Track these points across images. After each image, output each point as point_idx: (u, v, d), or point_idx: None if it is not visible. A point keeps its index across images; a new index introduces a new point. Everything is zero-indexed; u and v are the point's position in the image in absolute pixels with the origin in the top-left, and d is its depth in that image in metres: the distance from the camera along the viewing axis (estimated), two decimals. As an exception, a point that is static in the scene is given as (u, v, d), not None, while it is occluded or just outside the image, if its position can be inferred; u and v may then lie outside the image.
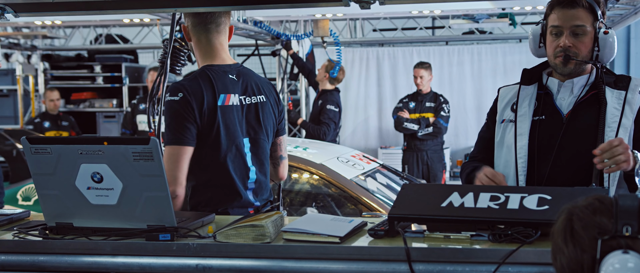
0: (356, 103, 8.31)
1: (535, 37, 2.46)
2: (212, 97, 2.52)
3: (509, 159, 2.42)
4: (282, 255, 1.92)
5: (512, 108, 2.48)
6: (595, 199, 1.28)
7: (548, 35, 2.41)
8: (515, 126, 2.43)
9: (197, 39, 2.63)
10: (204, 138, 2.52)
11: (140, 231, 2.03)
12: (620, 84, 2.41)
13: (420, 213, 1.98)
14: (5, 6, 2.42)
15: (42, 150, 2.02)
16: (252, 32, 6.90)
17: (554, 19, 2.38)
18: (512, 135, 2.43)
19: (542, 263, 1.77)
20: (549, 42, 2.41)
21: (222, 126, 2.53)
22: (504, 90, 2.57)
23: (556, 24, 2.37)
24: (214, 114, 2.52)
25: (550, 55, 2.41)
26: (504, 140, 2.46)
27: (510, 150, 2.42)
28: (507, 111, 2.49)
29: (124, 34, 9.20)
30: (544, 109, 2.43)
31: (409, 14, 7.78)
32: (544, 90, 2.46)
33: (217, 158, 2.54)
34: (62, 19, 7.73)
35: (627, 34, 6.95)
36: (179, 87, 2.50)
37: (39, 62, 8.97)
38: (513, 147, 2.41)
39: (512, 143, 2.42)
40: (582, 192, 1.97)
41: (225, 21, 2.65)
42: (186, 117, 2.47)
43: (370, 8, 2.27)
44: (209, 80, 2.55)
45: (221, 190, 2.57)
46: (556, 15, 2.37)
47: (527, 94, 2.47)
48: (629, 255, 1.20)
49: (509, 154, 2.43)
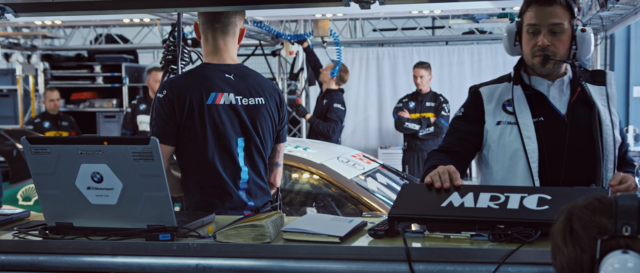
0: (356, 103, 8.32)
1: (511, 35, 2.42)
2: (199, 95, 2.52)
3: (519, 163, 2.35)
4: (282, 255, 1.92)
5: (505, 109, 2.41)
6: (595, 199, 1.28)
7: (524, 34, 2.38)
8: (518, 129, 2.36)
9: (204, 37, 2.66)
10: (189, 136, 2.52)
11: (140, 231, 2.03)
12: (598, 79, 2.44)
13: (421, 213, 1.98)
14: (5, 6, 2.42)
15: (42, 150, 2.02)
16: (252, 32, 6.90)
17: (530, 17, 2.34)
18: (516, 139, 2.36)
19: (542, 263, 1.77)
20: (525, 40, 2.38)
21: (208, 124, 2.52)
22: (485, 89, 2.49)
23: (533, 22, 2.33)
24: (201, 111, 2.52)
25: (527, 54, 2.38)
26: (505, 144, 2.38)
27: (517, 154, 2.35)
28: (500, 112, 2.42)
29: (124, 34, 9.20)
30: (541, 110, 2.39)
31: (409, 14, 7.78)
32: (531, 90, 2.42)
33: (206, 158, 2.53)
34: (62, 19, 7.73)
35: (627, 34, 6.95)
36: (164, 85, 2.55)
37: (39, 62, 8.97)
38: (522, 151, 2.34)
39: (518, 147, 2.35)
40: (582, 192, 1.97)
41: (234, 22, 2.64)
42: (166, 116, 2.50)
43: (370, 8, 2.27)
44: (201, 78, 2.55)
45: (211, 190, 2.56)
46: (533, 13, 2.33)
47: (517, 94, 2.41)
48: (628, 255, 1.20)
49: (517, 158, 2.35)
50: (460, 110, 2.51)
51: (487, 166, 2.44)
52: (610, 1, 4.48)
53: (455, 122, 2.50)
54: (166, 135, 2.50)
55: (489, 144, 2.42)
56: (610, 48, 7.24)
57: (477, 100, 2.47)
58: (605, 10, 5.27)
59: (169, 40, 2.82)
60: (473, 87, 2.54)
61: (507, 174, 2.37)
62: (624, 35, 6.96)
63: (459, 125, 2.48)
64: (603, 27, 6.36)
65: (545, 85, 2.42)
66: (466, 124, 2.45)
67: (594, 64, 7.48)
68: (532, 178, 2.32)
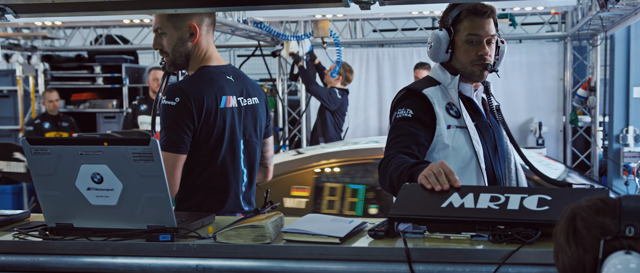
0: (356, 103, 8.31)
1: (445, 43, 2.47)
2: (214, 99, 2.48)
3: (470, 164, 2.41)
4: (282, 255, 1.92)
5: (449, 112, 2.46)
6: (599, 199, 1.28)
7: (461, 43, 2.45)
8: (468, 133, 2.42)
9: (204, 40, 2.59)
10: (203, 141, 2.49)
11: (140, 232, 2.03)
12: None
13: (421, 213, 1.97)
14: (6, 7, 2.42)
15: (42, 151, 2.02)
16: (252, 33, 6.90)
17: (470, 27, 2.43)
18: (467, 141, 2.42)
19: (542, 263, 1.77)
20: (463, 49, 2.45)
21: (226, 128, 2.51)
22: (430, 92, 2.47)
23: (475, 33, 2.43)
24: (216, 116, 2.48)
25: (465, 62, 2.46)
26: (457, 146, 2.41)
27: (469, 156, 2.41)
28: (447, 116, 2.45)
29: (124, 34, 9.19)
30: (473, 115, 2.50)
31: (409, 15, 7.78)
32: (460, 95, 2.50)
33: (216, 161, 2.52)
34: (62, 20, 7.72)
35: (627, 34, 6.93)
36: (175, 91, 2.44)
37: (39, 62, 8.96)
38: (472, 152, 2.41)
39: (469, 149, 2.42)
40: (582, 192, 1.97)
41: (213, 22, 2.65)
42: (182, 124, 2.43)
43: (370, 9, 2.27)
44: (209, 81, 2.51)
45: (214, 193, 2.55)
46: (472, 23, 2.43)
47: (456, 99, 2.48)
48: (631, 255, 1.20)
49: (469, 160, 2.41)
50: (408, 112, 2.42)
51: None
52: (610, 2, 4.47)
53: (406, 123, 2.41)
54: (183, 143, 2.44)
55: (442, 147, 2.42)
56: (610, 49, 7.23)
57: (425, 103, 2.44)
58: (605, 11, 5.27)
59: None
60: (412, 90, 2.49)
61: (460, 175, 2.29)
62: (624, 35, 6.94)
63: (411, 128, 2.39)
64: (603, 27, 6.36)
65: (472, 91, 2.54)
66: (419, 127, 2.40)
67: (594, 65, 7.48)
68: (483, 178, 2.41)
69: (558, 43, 8.00)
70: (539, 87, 7.87)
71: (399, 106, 2.48)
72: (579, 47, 7.78)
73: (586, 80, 7.50)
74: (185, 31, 2.55)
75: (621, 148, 6.92)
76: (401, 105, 2.47)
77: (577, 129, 7.83)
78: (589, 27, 6.62)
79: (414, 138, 2.37)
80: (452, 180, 2.04)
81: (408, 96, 2.49)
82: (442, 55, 2.49)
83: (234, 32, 6.70)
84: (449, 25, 2.48)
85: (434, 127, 2.42)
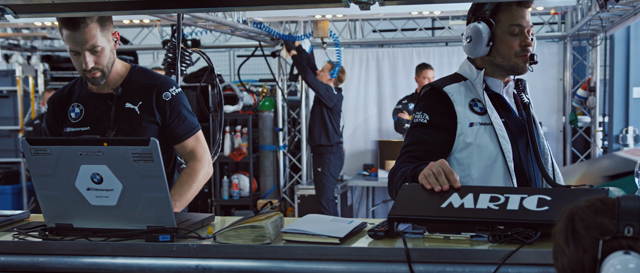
0: (356, 103, 8.31)
1: (486, 36, 2.34)
2: None
3: (497, 163, 2.30)
4: (282, 256, 1.92)
5: (472, 109, 2.35)
6: (598, 200, 1.28)
7: (504, 34, 2.34)
8: (493, 129, 2.32)
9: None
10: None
11: (140, 232, 2.03)
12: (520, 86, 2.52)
13: (420, 214, 1.97)
14: (5, 7, 2.42)
15: (42, 151, 2.02)
16: (252, 33, 6.90)
17: (512, 17, 2.33)
18: (491, 140, 2.31)
19: (542, 264, 1.77)
20: (505, 40, 2.33)
21: None
22: (451, 89, 2.38)
23: (517, 23, 2.32)
24: None
25: (508, 54, 2.34)
26: (482, 144, 2.31)
27: (495, 154, 2.30)
28: (470, 113, 2.35)
29: (124, 34, 9.18)
30: (501, 111, 2.38)
31: (409, 15, 7.77)
32: (488, 91, 2.40)
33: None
34: (61, 20, 7.71)
35: (627, 34, 6.94)
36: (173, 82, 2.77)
37: (39, 63, 8.96)
38: (499, 150, 2.30)
39: (495, 147, 2.30)
40: (581, 193, 1.97)
41: None
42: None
43: (370, 9, 2.26)
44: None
45: None
46: (515, 13, 2.33)
47: (481, 95, 2.38)
48: (630, 256, 1.20)
49: (495, 158, 2.30)
50: (424, 117, 2.35)
51: (463, 168, 2.34)
52: (610, 2, 4.48)
53: (420, 131, 2.35)
54: None
55: (465, 146, 2.33)
56: (610, 49, 7.23)
57: (444, 104, 2.36)
58: (605, 11, 5.27)
59: (171, 42, 2.82)
60: (432, 88, 2.41)
61: (486, 175, 2.31)
62: (623, 36, 6.94)
63: (425, 135, 2.33)
64: (603, 28, 6.36)
65: (501, 87, 2.43)
66: (434, 134, 2.33)
67: (594, 65, 7.48)
68: (511, 178, 2.30)
69: (558, 43, 8.00)
70: (538, 87, 7.87)
71: (418, 107, 2.40)
72: (578, 47, 7.78)
73: (586, 81, 7.50)
74: (111, 41, 2.64)
75: (621, 149, 6.92)
76: (420, 107, 2.39)
77: (576, 129, 7.83)
78: (588, 27, 6.62)
79: (425, 147, 2.31)
80: (452, 180, 2.02)
81: (429, 95, 2.40)
82: (483, 49, 2.36)
83: (233, 32, 6.70)
84: (487, 17, 2.35)
85: (454, 128, 2.33)
